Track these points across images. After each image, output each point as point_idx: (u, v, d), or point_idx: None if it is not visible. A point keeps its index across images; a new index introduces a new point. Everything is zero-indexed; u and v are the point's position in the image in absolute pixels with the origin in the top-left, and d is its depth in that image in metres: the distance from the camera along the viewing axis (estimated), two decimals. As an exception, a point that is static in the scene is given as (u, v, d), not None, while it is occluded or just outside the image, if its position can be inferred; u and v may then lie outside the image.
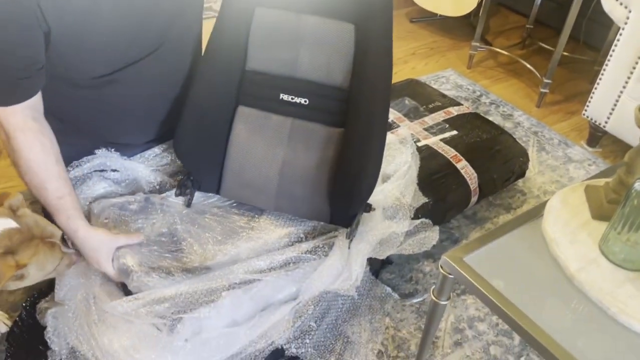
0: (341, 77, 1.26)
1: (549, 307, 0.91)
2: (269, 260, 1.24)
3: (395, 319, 1.43)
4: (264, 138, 1.32)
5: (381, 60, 1.23)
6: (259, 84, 1.32)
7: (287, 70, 1.29)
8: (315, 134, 1.30)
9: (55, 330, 1.13)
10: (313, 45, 1.26)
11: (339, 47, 1.25)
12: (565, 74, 2.63)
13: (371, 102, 1.23)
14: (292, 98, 1.29)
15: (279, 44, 1.28)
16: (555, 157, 2.08)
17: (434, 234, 1.43)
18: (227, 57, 1.30)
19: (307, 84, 1.28)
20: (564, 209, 1.02)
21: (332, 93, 1.27)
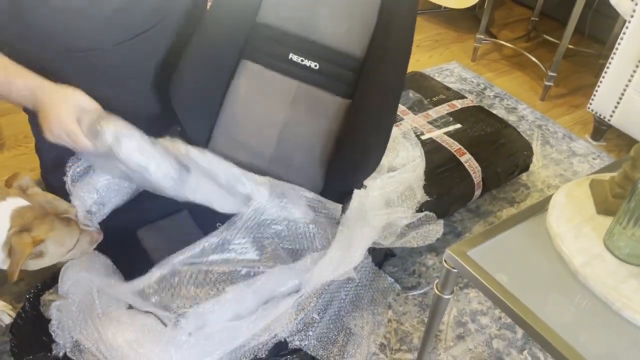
0: (359, 46, 1.20)
1: (552, 301, 0.90)
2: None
3: (398, 312, 1.43)
4: (265, 97, 1.26)
5: (402, 35, 1.18)
6: (268, 39, 1.25)
7: (301, 30, 1.23)
8: (321, 102, 1.24)
9: (60, 323, 1.14)
10: (334, 8, 1.20)
11: (362, 14, 1.19)
12: (570, 67, 2.61)
13: (386, 76, 1.18)
14: (301, 60, 1.23)
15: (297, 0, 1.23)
16: (560, 150, 2.07)
17: (438, 227, 1.43)
18: (238, 5, 1.24)
19: (321, 47, 1.22)
20: (568, 203, 1.02)
21: (346, 61, 1.21)
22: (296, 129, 1.25)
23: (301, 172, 1.28)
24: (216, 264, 1.25)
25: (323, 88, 1.24)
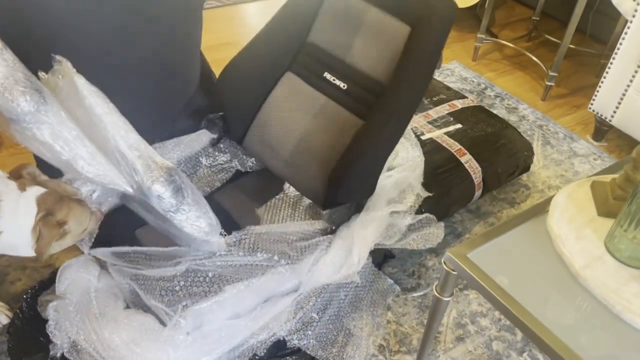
0: (384, 72, 1.31)
1: (553, 304, 0.90)
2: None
3: (398, 313, 1.42)
4: (295, 106, 1.40)
5: (424, 66, 1.28)
6: (311, 56, 1.41)
7: (339, 52, 1.38)
8: (340, 119, 1.35)
9: (57, 323, 1.13)
10: (368, 36, 1.34)
11: (390, 44, 1.31)
12: (571, 67, 2.61)
13: (402, 104, 1.27)
14: (333, 79, 1.38)
15: (341, 26, 1.37)
16: (560, 151, 2.06)
17: (438, 230, 1.43)
18: (294, 24, 1.41)
19: (353, 70, 1.36)
20: (569, 205, 1.01)
21: (371, 85, 1.33)
22: (312, 138, 1.36)
23: (308, 180, 1.36)
24: (218, 265, 1.25)
25: (345, 107, 1.36)
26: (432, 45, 1.27)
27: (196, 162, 1.47)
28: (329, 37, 1.40)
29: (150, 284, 1.19)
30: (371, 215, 1.33)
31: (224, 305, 1.16)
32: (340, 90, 1.37)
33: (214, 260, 1.24)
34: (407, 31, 1.30)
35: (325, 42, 1.41)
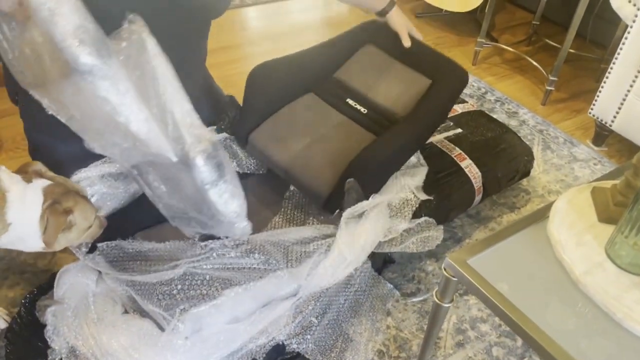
0: (403, 108, 1.51)
1: (553, 311, 0.89)
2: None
3: (397, 318, 1.41)
4: (313, 115, 1.53)
5: (437, 107, 1.50)
6: (335, 86, 1.59)
7: (363, 89, 1.57)
8: (354, 133, 1.49)
9: (55, 329, 1.13)
10: (392, 81, 1.56)
11: (411, 90, 1.53)
12: (572, 71, 2.61)
13: (417, 132, 1.44)
14: (355, 104, 1.55)
15: (368, 71, 1.59)
16: (561, 155, 2.06)
17: (438, 233, 1.42)
18: (328, 59, 1.62)
19: (374, 103, 1.54)
20: (569, 210, 1.01)
21: (389, 114, 1.51)
22: (326, 142, 1.47)
23: (314, 177, 1.40)
24: (216, 268, 1.25)
25: (362, 125, 1.52)
26: (448, 94, 1.52)
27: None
28: (355, 77, 1.60)
29: (147, 289, 1.19)
30: (371, 219, 1.33)
31: (223, 308, 1.15)
32: (360, 113, 1.54)
33: (212, 262, 1.23)
34: (428, 83, 1.54)
35: (351, 80, 1.60)
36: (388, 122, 1.51)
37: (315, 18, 2.97)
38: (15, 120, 1.41)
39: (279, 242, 1.31)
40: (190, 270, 1.21)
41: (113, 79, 0.97)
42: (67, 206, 1.07)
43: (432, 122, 1.51)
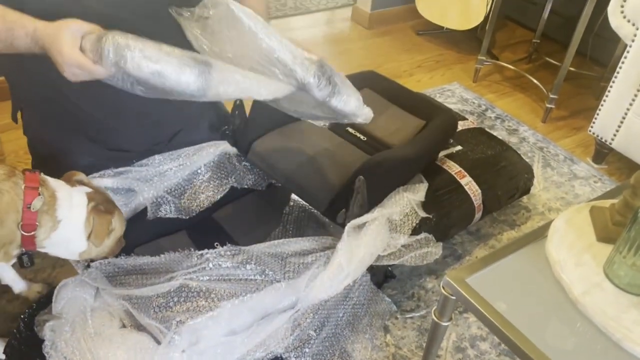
0: (399, 141, 1.58)
1: (552, 330, 0.89)
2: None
3: (396, 336, 1.41)
4: (316, 134, 1.58)
5: (431, 143, 1.58)
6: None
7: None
8: (352, 153, 1.55)
9: (53, 344, 1.13)
10: (390, 119, 1.65)
11: (408, 128, 1.61)
12: (572, 89, 2.62)
13: (414, 149, 1.50)
14: (355, 132, 1.62)
15: None
16: (561, 173, 2.06)
17: (436, 249, 1.42)
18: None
19: (372, 134, 1.61)
20: (568, 230, 1.01)
21: (386, 146, 1.57)
22: (328, 155, 1.52)
23: (317, 183, 1.44)
24: (213, 280, 1.25)
25: (361, 149, 1.58)
26: (441, 134, 1.62)
27: (194, 175, 1.48)
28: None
29: (143, 302, 1.19)
30: (371, 232, 1.33)
31: (220, 320, 1.15)
32: (359, 139, 1.60)
33: (208, 273, 1.23)
34: (422, 123, 1.63)
35: None
36: (385, 148, 1.56)
37: (318, 35, 3.00)
38: (17, 134, 1.42)
39: (276, 254, 1.32)
40: (186, 282, 1.21)
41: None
42: (109, 209, 1.14)
43: (426, 154, 1.59)
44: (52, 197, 1.07)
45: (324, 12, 3.25)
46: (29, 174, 1.06)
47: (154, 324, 1.14)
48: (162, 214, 1.41)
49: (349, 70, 1.96)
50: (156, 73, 0.99)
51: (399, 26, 3.13)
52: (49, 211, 1.06)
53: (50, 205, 1.06)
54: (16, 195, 1.02)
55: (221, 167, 1.51)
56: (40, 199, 1.04)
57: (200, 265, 1.25)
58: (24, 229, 1.03)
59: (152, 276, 1.26)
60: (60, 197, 1.08)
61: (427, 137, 1.59)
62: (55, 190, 1.08)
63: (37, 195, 1.04)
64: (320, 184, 1.43)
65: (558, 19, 2.86)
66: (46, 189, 1.07)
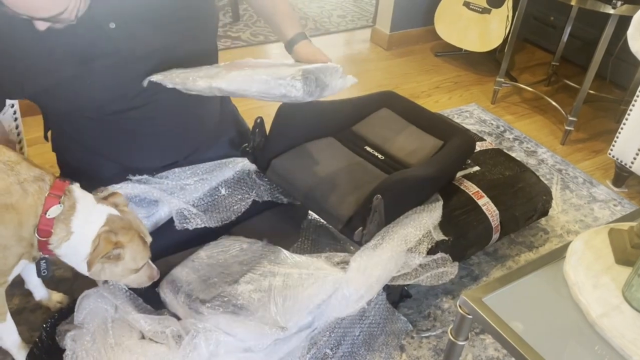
0: (417, 161, 1.61)
1: (569, 353, 0.89)
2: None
3: (412, 355, 1.40)
4: (334, 153, 1.62)
5: (448, 163, 1.60)
6: (354, 137, 1.70)
7: (380, 141, 1.67)
8: (370, 172, 1.56)
9: (74, 353, 1.15)
10: (408, 139, 1.68)
11: (426, 149, 1.64)
12: (591, 112, 2.61)
13: (432, 170, 1.51)
14: (373, 151, 1.64)
15: (384, 129, 1.71)
16: (580, 196, 2.05)
17: (453, 269, 1.42)
18: (344, 115, 1.73)
19: (390, 153, 1.64)
20: (587, 252, 1.01)
21: (405, 165, 1.59)
22: (346, 174, 1.54)
23: (335, 201, 1.45)
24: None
25: (379, 168, 1.59)
26: (459, 155, 1.65)
27: (215, 190, 1.50)
28: (372, 131, 1.71)
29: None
30: (386, 252, 1.33)
31: (238, 337, 1.16)
32: (377, 158, 1.62)
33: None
34: (439, 143, 1.65)
35: (369, 134, 1.70)
36: (403, 167, 1.58)
37: (338, 55, 3.04)
38: (46, 147, 1.46)
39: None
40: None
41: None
42: (120, 240, 1.12)
43: (449, 168, 1.61)
44: (71, 208, 1.09)
45: (343, 33, 3.30)
46: (58, 182, 1.10)
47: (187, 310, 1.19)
48: (188, 225, 1.43)
49: (368, 91, 1.99)
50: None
51: (417, 47, 3.16)
52: (64, 220, 1.08)
53: (67, 215, 1.09)
54: (38, 199, 1.06)
55: (242, 182, 1.54)
56: (58, 207, 1.07)
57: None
58: (39, 234, 1.07)
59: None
60: (79, 210, 1.10)
61: (445, 157, 1.60)
62: (76, 201, 1.11)
63: (57, 203, 1.07)
64: (338, 202, 1.45)
65: (577, 42, 2.86)
66: (68, 198, 1.10)
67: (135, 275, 1.19)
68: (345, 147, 1.65)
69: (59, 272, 1.51)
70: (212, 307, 1.23)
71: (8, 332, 1.20)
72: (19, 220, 1.05)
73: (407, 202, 1.48)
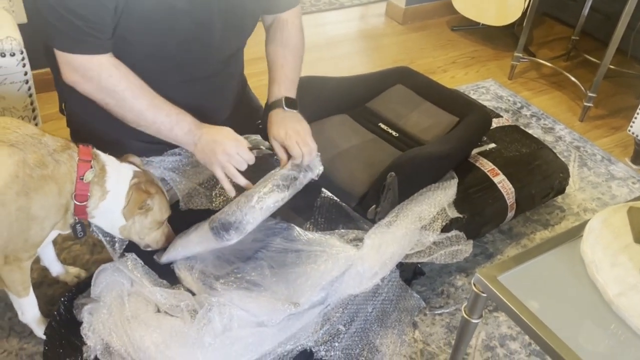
0: (432, 137, 1.59)
1: (585, 331, 0.88)
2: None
3: (425, 332, 1.41)
4: (348, 130, 1.61)
5: (464, 139, 1.59)
6: (368, 114, 1.68)
7: (394, 118, 1.66)
8: (384, 149, 1.55)
9: (91, 326, 1.17)
10: (422, 115, 1.67)
11: (441, 125, 1.63)
12: (611, 87, 2.56)
13: (446, 147, 1.50)
14: (387, 128, 1.63)
15: (399, 105, 1.70)
16: (598, 173, 2.02)
17: (467, 247, 1.41)
18: (358, 91, 1.73)
19: (404, 130, 1.62)
20: (604, 230, 0.99)
21: (419, 142, 1.58)
22: (360, 151, 1.54)
23: (348, 178, 1.45)
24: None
25: (393, 145, 1.57)
26: (475, 131, 1.63)
27: None
28: (387, 108, 1.69)
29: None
30: (400, 229, 1.33)
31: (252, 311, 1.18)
32: (391, 135, 1.60)
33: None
34: (455, 120, 1.64)
35: (383, 110, 1.69)
36: (417, 144, 1.56)
37: (352, 30, 3.00)
38: (59, 124, 1.46)
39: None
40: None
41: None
42: (149, 189, 1.19)
43: (464, 145, 1.59)
44: (102, 170, 1.15)
45: (357, 7, 3.24)
46: (83, 147, 1.14)
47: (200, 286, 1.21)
48: (194, 205, 1.44)
49: (382, 66, 1.97)
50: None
51: (433, 22, 3.10)
52: (99, 182, 1.14)
53: (100, 177, 1.14)
54: (71, 166, 1.10)
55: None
56: (92, 171, 1.12)
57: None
58: (76, 199, 1.11)
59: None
60: (109, 170, 1.16)
61: (460, 134, 1.58)
62: (105, 163, 1.16)
63: (90, 167, 1.11)
64: (351, 179, 1.44)
65: (598, 15, 2.78)
66: (97, 162, 1.15)
67: (156, 233, 1.26)
68: (359, 124, 1.64)
69: (75, 247, 1.53)
70: (226, 283, 1.24)
71: (30, 306, 1.23)
72: (58, 189, 1.08)
73: (421, 180, 1.46)
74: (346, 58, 2.71)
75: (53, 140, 1.11)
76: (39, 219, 1.08)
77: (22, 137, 1.06)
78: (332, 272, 1.24)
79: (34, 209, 1.06)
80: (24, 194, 1.03)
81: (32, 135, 1.08)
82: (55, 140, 1.11)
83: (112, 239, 1.28)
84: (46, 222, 1.10)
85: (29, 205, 1.05)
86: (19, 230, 1.07)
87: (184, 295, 1.22)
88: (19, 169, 1.02)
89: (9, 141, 1.04)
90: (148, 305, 1.21)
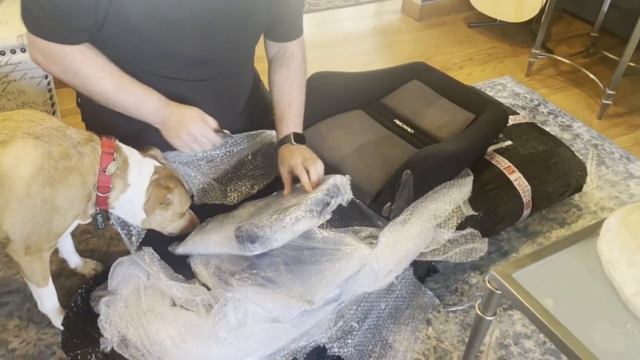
0: (447, 134, 1.59)
1: (600, 330, 0.87)
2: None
3: (438, 329, 1.41)
4: (363, 127, 1.61)
5: (480, 137, 1.58)
6: (384, 110, 1.69)
7: (410, 114, 1.67)
8: (400, 146, 1.55)
9: (107, 318, 1.18)
10: (437, 112, 1.67)
11: (457, 122, 1.63)
12: (630, 85, 2.52)
13: (462, 145, 1.49)
14: (403, 125, 1.63)
15: (414, 101, 1.70)
16: (616, 172, 1.99)
17: (482, 245, 1.41)
18: (374, 86, 1.74)
19: (420, 126, 1.63)
20: (622, 228, 0.98)
21: (435, 139, 1.58)
22: (375, 148, 1.54)
23: (363, 175, 1.45)
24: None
25: (408, 142, 1.57)
26: (491, 129, 1.62)
27: (241, 162, 1.50)
28: (402, 104, 1.70)
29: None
30: (415, 227, 1.33)
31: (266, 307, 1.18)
32: (406, 132, 1.60)
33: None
34: (471, 117, 1.63)
35: (398, 106, 1.69)
36: (432, 141, 1.55)
37: (367, 27, 2.99)
38: (78, 118, 1.48)
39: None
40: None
41: None
42: (169, 185, 1.21)
43: (480, 142, 1.58)
44: (124, 163, 1.17)
45: (373, 3, 3.23)
46: (106, 140, 1.16)
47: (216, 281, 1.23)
48: (208, 200, 1.45)
49: (398, 63, 1.96)
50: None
51: (450, 18, 3.08)
52: (121, 175, 1.16)
53: (123, 169, 1.16)
54: (94, 159, 1.12)
55: (267, 156, 1.54)
56: (114, 163, 1.14)
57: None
58: (99, 190, 1.14)
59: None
60: (132, 163, 1.18)
61: (477, 131, 1.57)
62: (127, 156, 1.18)
63: (112, 160, 1.14)
64: (366, 176, 1.44)
65: (618, 12, 2.74)
66: (120, 154, 1.17)
67: (180, 221, 1.28)
68: (374, 120, 1.63)
69: (93, 239, 1.56)
70: (241, 278, 1.25)
71: (49, 296, 1.25)
72: (82, 180, 1.11)
73: (436, 178, 1.46)
74: (362, 55, 2.71)
75: (77, 132, 1.13)
76: (63, 209, 1.10)
77: (47, 129, 1.08)
78: (346, 270, 1.24)
79: (58, 200, 1.08)
80: (49, 185, 1.05)
81: (57, 128, 1.10)
82: (79, 132, 1.13)
83: (129, 232, 1.30)
84: (69, 212, 1.12)
85: (53, 196, 1.07)
86: (42, 220, 1.09)
87: (200, 289, 1.23)
88: (44, 161, 1.04)
89: (34, 134, 1.06)
90: (164, 299, 1.23)
